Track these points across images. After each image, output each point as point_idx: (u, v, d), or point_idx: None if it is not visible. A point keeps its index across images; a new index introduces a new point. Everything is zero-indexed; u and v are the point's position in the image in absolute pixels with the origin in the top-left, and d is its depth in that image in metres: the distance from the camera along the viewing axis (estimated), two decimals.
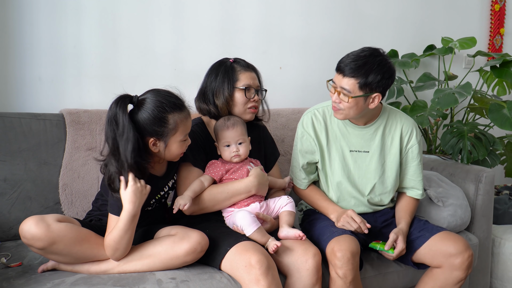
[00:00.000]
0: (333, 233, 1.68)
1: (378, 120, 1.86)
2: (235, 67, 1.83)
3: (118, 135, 1.47)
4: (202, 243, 1.53)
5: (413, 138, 1.88)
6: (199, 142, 1.79)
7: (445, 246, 1.72)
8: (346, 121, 1.85)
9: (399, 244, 1.71)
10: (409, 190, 1.93)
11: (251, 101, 1.82)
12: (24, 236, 1.42)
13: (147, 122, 1.51)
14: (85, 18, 2.19)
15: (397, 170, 1.88)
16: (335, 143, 1.86)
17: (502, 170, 3.12)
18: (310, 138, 1.86)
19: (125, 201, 1.47)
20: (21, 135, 1.90)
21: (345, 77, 1.68)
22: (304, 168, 1.88)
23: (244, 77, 1.81)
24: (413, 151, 1.88)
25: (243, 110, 1.82)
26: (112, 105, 1.49)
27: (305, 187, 1.91)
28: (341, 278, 1.59)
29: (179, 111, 1.56)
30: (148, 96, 1.55)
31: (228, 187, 1.71)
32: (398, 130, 1.87)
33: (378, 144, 1.85)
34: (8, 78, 2.09)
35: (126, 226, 1.47)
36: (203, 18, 2.43)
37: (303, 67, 2.72)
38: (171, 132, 1.55)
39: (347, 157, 1.86)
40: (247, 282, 1.47)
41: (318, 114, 1.87)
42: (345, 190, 1.87)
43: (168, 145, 1.56)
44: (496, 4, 3.27)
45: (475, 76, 3.05)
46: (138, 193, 1.47)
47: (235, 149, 1.74)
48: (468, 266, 1.72)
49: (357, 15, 2.83)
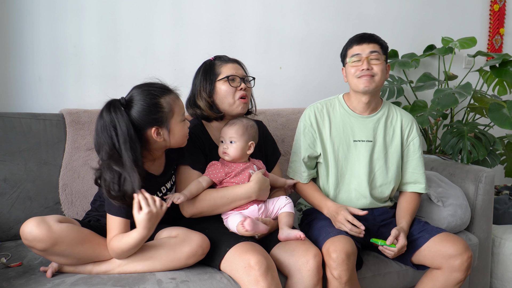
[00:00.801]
0: (328, 234, 1.68)
1: (381, 111, 1.92)
2: (216, 63, 1.83)
3: (120, 138, 1.43)
4: (204, 246, 1.53)
5: (414, 131, 1.94)
6: (198, 144, 1.78)
7: (444, 248, 1.73)
8: (349, 111, 1.90)
9: (401, 240, 1.72)
10: (412, 185, 1.95)
11: (238, 90, 1.79)
12: (25, 238, 1.41)
13: (143, 113, 1.49)
14: (85, 18, 2.19)
15: (398, 161, 1.91)
16: (338, 133, 1.89)
17: (502, 170, 3.12)
18: (312, 130, 1.89)
19: (139, 225, 1.43)
20: (21, 135, 1.89)
21: (370, 43, 1.83)
22: (305, 162, 1.89)
23: (225, 69, 1.80)
24: (414, 144, 1.93)
25: (233, 102, 1.79)
26: (103, 112, 1.45)
27: (306, 180, 1.92)
28: (336, 279, 1.59)
29: (168, 93, 1.56)
30: (133, 92, 1.54)
31: (228, 192, 1.69)
32: (398, 122, 1.93)
33: (381, 134, 1.90)
34: (8, 78, 2.09)
35: (136, 245, 1.46)
36: (203, 18, 2.43)
37: (303, 67, 2.72)
38: (169, 115, 1.54)
39: (351, 147, 1.88)
40: (246, 283, 1.47)
41: (320, 107, 1.93)
42: (346, 181, 1.89)
43: (171, 130, 1.55)
44: (495, 4, 3.27)
45: (475, 76, 3.05)
46: (153, 218, 1.43)
47: (225, 146, 1.73)
48: (468, 268, 1.72)
49: (357, 15, 2.83)
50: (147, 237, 1.47)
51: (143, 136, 1.52)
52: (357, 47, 1.83)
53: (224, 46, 2.48)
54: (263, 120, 2.34)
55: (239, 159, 1.75)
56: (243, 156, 1.75)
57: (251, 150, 1.77)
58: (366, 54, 1.82)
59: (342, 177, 1.89)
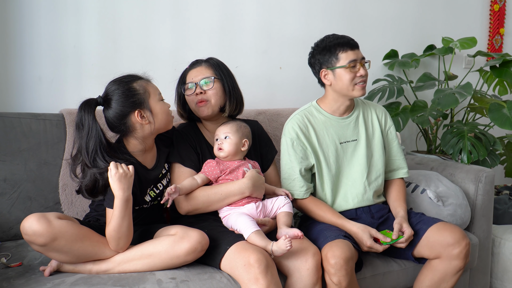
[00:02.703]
0: (326, 238, 1.68)
1: (356, 109, 1.96)
2: (187, 69, 1.90)
3: (84, 136, 1.54)
4: (203, 242, 1.53)
5: (389, 120, 2.02)
6: (190, 142, 1.81)
7: (442, 237, 1.74)
8: (329, 116, 1.92)
9: (407, 230, 1.74)
10: (395, 172, 2.02)
11: (193, 95, 1.82)
12: (25, 233, 1.42)
13: (121, 100, 1.58)
14: (85, 18, 2.19)
15: (382, 152, 1.96)
16: (324, 140, 1.89)
17: (502, 170, 3.12)
18: (301, 142, 1.87)
19: (114, 189, 1.49)
20: (21, 135, 1.90)
21: (358, 49, 1.85)
22: (303, 175, 1.86)
23: (188, 77, 1.86)
24: (391, 132, 2.01)
25: (195, 109, 1.84)
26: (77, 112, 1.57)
27: (305, 195, 1.87)
28: (336, 284, 1.59)
29: (138, 79, 1.65)
30: (107, 87, 1.63)
31: (221, 188, 1.71)
32: (374, 115, 1.98)
33: (363, 130, 1.94)
34: (8, 78, 2.09)
35: (122, 213, 1.49)
36: (203, 18, 2.44)
37: (303, 67, 2.70)
38: (146, 96, 1.62)
39: (338, 150, 1.90)
40: (246, 281, 1.47)
41: (301, 118, 1.91)
42: (342, 185, 1.90)
43: (152, 110, 1.62)
44: (495, 4, 3.27)
45: (475, 76, 3.05)
46: (123, 178, 1.49)
47: (220, 142, 1.76)
48: (466, 255, 1.74)
49: (357, 15, 2.83)
50: (127, 200, 1.50)
51: (129, 124, 1.61)
52: (352, 52, 1.82)
53: (224, 46, 2.48)
54: (263, 120, 2.34)
55: (234, 156, 1.77)
56: (237, 152, 1.77)
57: (245, 147, 1.79)
58: (359, 60, 1.83)
59: (337, 182, 1.90)
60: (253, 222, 1.61)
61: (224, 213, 1.73)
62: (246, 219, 1.62)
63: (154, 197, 1.72)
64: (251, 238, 1.56)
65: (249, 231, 1.57)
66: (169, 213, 1.89)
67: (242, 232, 1.60)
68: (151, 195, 1.71)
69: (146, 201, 1.70)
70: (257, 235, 1.56)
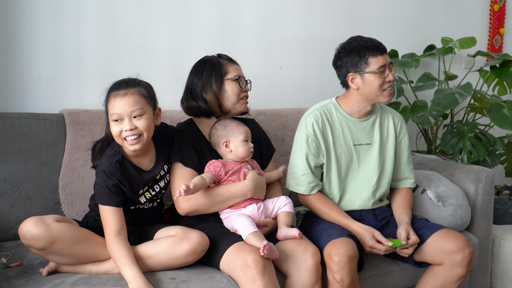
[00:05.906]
0: (330, 236, 1.68)
1: (374, 113, 1.93)
2: (221, 61, 1.86)
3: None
4: (203, 243, 1.53)
5: (404, 128, 1.99)
6: (190, 142, 1.79)
7: (446, 243, 1.74)
8: (347, 117, 1.89)
9: (412, 236, 1.74)
10: (403, 181, 1.99)
11: (243, 91, 1.85)
12: (23, 237, 1.41)
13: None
14: (85, 18, 2.19)
15: (393, 159, 1.95)
16: (339, 139, 1.88)
17: (502, 170, 3.12)
18: (316, 139, 1.84)
19: None
20: (21, 135, 1.89)
21: (387, 53, 1.84)
22: (312, 171, 1.85)
23: (233, 69, 1.85)
24: (405, 141, 1.99)
25: (237, 101, 1.84)
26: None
27: (312, 191, 1.85)
28: (338, 282, 1.59)
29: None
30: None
31: (223, 190, 1.70)
32: (391, 121, 1.96)
33: (378, 135, 1.91)
34: (8, 78, 2.08)
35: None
36: (203, 18, 2.43)
37: (303, 67, 2.72)
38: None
39: (351, 151, 1.88)
40: (243, 282, 1.47)
41: (319, 114, 1.87)
42: (350, 186, 1.89)
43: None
44: (495, 4, 3.27)
45: (475, 76, 3.05)
46: None
47: (251, 145, 1.79)
48: (469, 263, 1.73)
49: (357, 15, 2.83)
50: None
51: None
52: (381, 57, 1.79)
53: (224, 46, 2.47)
54: (263, 120, 2.34)
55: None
56: None
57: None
58: (388, 65, 1.81)
59: (345, 183, 1.89)
60: (251, 223, 1.61)
61: (226, 214, 1.73)
62: (245, 220, 1.62)
63: (150, 199, 1.71)
64: (248, 239, 1.55)
65: (247, 232, 1.56)
66: (169, 214, 1.89)
67: (240, 233, 1.60)
68: (147, 196, 1.70)
69: (140, 202, 1.69)
70: (254, 236, 1.55)
